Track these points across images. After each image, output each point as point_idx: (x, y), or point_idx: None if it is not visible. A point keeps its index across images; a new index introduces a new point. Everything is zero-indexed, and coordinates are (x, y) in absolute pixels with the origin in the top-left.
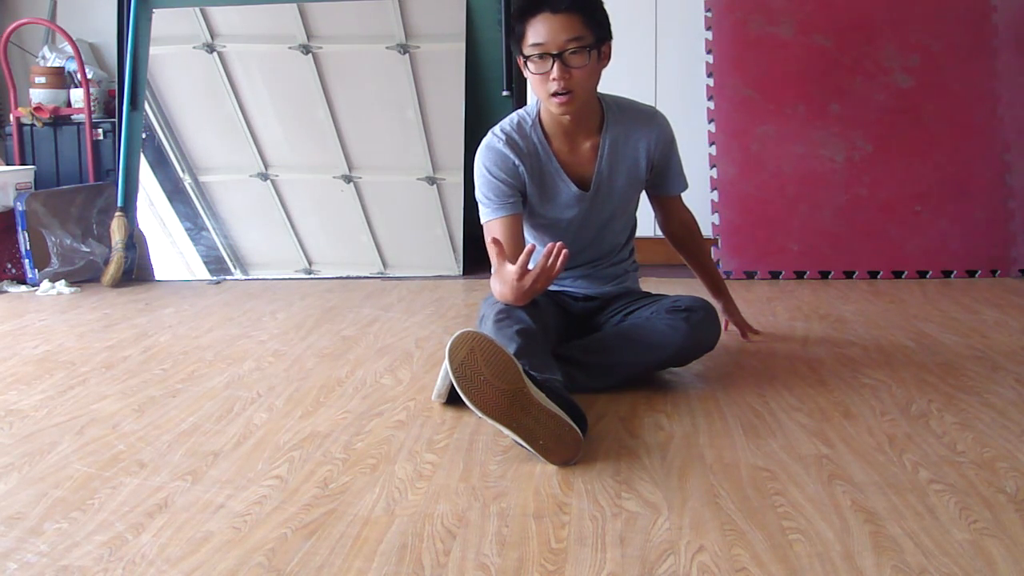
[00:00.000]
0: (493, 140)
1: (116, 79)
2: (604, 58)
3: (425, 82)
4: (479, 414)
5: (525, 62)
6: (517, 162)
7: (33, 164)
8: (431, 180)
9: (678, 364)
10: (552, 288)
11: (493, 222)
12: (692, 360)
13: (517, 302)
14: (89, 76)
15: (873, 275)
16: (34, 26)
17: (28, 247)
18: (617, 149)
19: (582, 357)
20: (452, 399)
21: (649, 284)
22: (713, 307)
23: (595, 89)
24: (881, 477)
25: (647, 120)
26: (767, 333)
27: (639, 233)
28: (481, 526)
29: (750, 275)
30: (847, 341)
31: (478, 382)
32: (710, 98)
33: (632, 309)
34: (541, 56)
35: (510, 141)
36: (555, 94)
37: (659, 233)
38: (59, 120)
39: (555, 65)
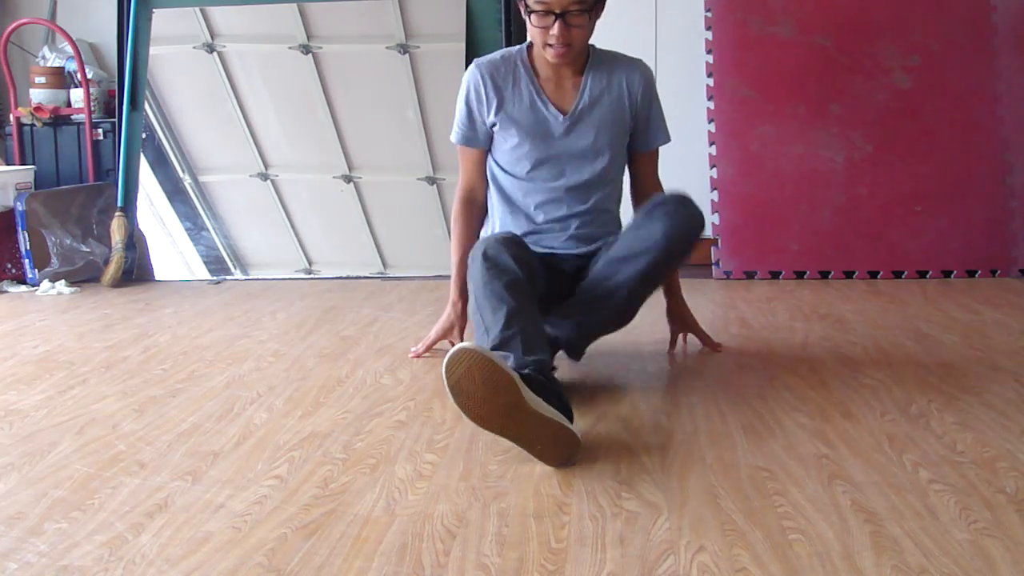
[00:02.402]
0: (472, 67)
1: (116, 79)
2: (599, 12)
3: (425, 82)
4: (475, 424)
5: (528, 13)
6: (484, 86)
7: (33, 164)
8: (431, 180)
9: (677, 258)
10: (540, 251)
11: (463, 148)
12: (689, 248)
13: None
14: (89, 76)
15: (873, 275)
16: (34, 26)
17: (28, 247)
18: (600, 83)
19: (582, 297)
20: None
21: None
22: (687, 194)
23: (589, 40)
24: (881, 477)
25: (629, 63)
26: (767, 333)
27: None
28: (481, 526)
29: (750, 275)
30: (847, 341)
31: (475, 399)
32: (710, 98)
33: (613, 242)
34: (545, 12)
35: (491, 68)
36: (553, 46)
37: None
38: (59, 120)
39: (557, 23)
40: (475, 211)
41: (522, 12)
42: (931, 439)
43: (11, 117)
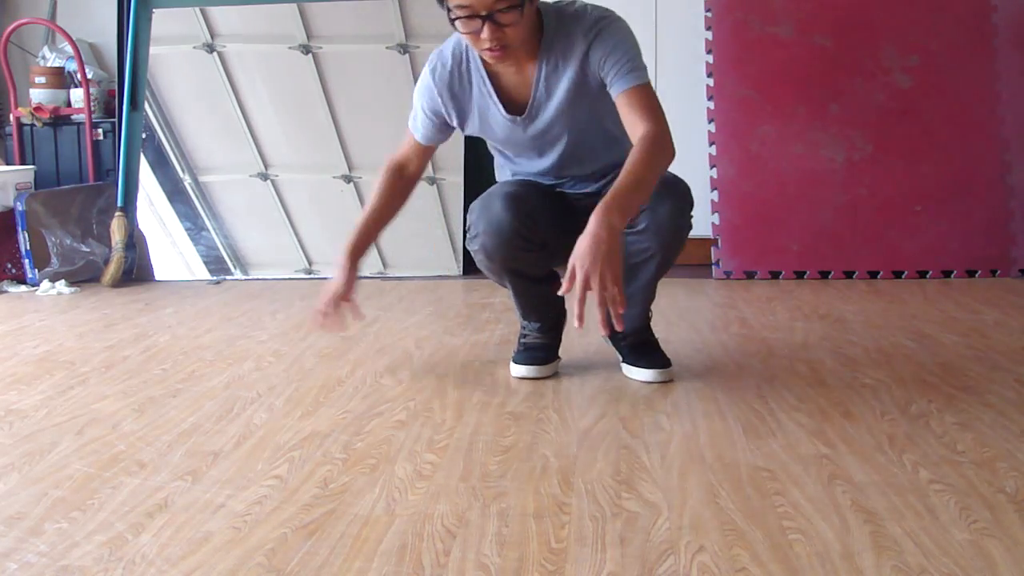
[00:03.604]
0: (428, 76)
1: (116, 79)
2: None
3: None
4: None
5: (452, 20)
6: (443, 102)
7: (33, 164)
8: (431, 180)
9: (675, 252)
10: (549, 182)
11: (413, 138)
12: (683, 238)
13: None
14: (89, 76)
15: (873, 275)
16: (34, 26)
17: (28, 247)
18: (553, 64)
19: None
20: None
21: None
22: (675, 198)
23: (531, 30)
24: (881, 477)
25: (587, 28)
26: (767, 333)
27: None
28: (481, 526)
29: (750, 275)
30: (847, 341)
31: None
32: (710, 98)
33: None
34: (469, 16)
35: (446, 79)
36: (489, 50)
37: None
38: (59, 120)
39: (486, 26)
40: (400, 184)
41: (448, 18)
42: (931, 439)
43: (11, 117)
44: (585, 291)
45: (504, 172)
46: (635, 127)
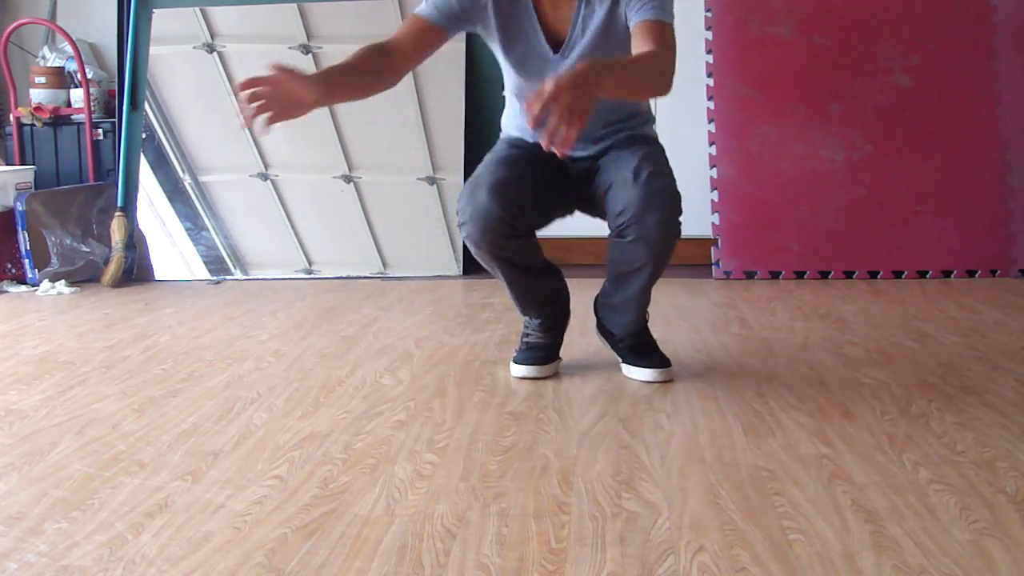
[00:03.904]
0: None
1: (116, 79)
2: None
3: (425, 82)
4: None
5: None
6: (490, 16)
7: (33, 164)
8: (431, 180)
9: (666, 260)
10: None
11: (419, 15)
12: (675, 243)
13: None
14: (89, 76)
15: (873, 275)
16: (34, 26)
17: (28, 247)
18: (593, 9)
19: (611, 302)
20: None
21: None
22: (659, 199)
23: None
24: (881, 477)
25: None
26: (767, 333)
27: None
28: (481, 526)
29: (750, 275)
30: (847, 341)
31: None
32: (710, 98)
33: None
34: None
35: None
36: None
37: None
38: (59, 120)
39: None
40: (382, 61)
41: None
42: (931, 439)
43: (11, 117)
44: (551, 102)
45: (510, 121)
46: (643, 48)
